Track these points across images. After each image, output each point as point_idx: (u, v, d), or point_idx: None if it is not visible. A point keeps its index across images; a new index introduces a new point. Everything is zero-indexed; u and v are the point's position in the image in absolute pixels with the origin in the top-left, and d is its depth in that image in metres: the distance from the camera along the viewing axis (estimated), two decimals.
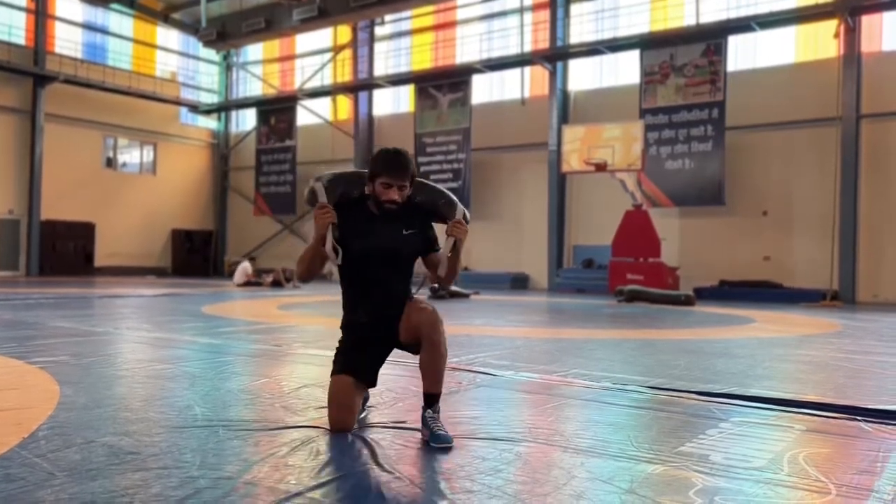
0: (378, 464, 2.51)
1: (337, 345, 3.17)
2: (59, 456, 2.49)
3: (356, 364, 3.05)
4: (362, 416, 3.23)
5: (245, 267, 17.92)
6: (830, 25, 16.35)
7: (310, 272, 3.03)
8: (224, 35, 24.27)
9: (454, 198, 3.16)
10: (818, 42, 17.00)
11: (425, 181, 3.18)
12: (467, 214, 3.12)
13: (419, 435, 2.91)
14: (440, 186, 3.23)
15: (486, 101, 21.54)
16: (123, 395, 3.69)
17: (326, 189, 3.01)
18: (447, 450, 2.72)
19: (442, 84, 21.16)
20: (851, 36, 16.04)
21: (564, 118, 19.61)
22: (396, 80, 22.32)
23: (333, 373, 3.05)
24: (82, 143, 23.72)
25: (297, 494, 2.16)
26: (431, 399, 2.97)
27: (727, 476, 2.44)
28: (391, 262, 3.06)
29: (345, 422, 2.96)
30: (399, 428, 3.05)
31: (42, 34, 22.45)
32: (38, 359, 4.75)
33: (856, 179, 16.05)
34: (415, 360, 3.07)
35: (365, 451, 2.67)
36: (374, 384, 3.16)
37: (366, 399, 3.36)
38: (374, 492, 2.22)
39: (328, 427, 2.99)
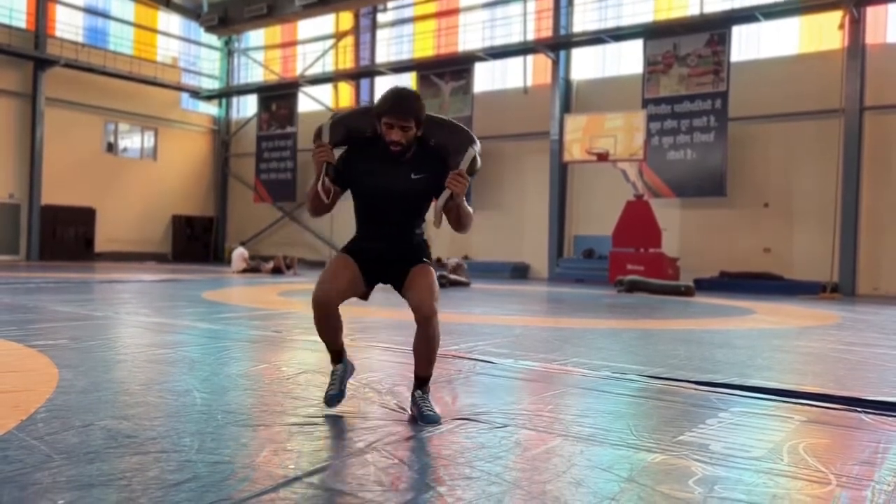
0: (377, 449, 2.50)
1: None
2: (57, 438, 2.48)
3: (359, 256, 3.02)
4: (346, 395, 3.17)
5: (241, 253, 17.85)
6: (835, 16, 16.27)
7: (314, 209, 3.02)
8: (226, 20, 24.19)
9: (471, 139, 2.95)
10: (822, 33, 16.92)
11: (444, 119, 3.05)
12: (478, 161, 2.91)
13: (418, 421, 2.91)
14: (459, 125, 3.06)
15: (488, 89, 21.48)
16: (122, 379, 3.69)
17: (332, 127, 2.98)
18: (440, 432, 2.72)
19: (444, 72, 21.08)
20: (856, 27, 15.96)
21: (567, 107, 19.55)
22: (398, 68, 22.23)
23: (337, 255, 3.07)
24: (83, 128, 23.67)
25: (296, 479, 2.16)
26: (421, 381, 3.04)
27: (727, 465, 2.44)
28: (397, 203, 2.98)
29: (328, 294, 2.91)
30: (397, 413, 3.04)
31: (43, 18, 22.36)
32: (37, 342, 4.74)
33: (858, 172, 16.01)
34: (400, 344, 3.09)
35: (364, 437, 2.67)
36: (366, 297, 3.13)
37: (351, 371, 3.27)
38: (372, 477, 2.22)
39: (320, 336, 2.99)
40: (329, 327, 3.03)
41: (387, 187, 2.94)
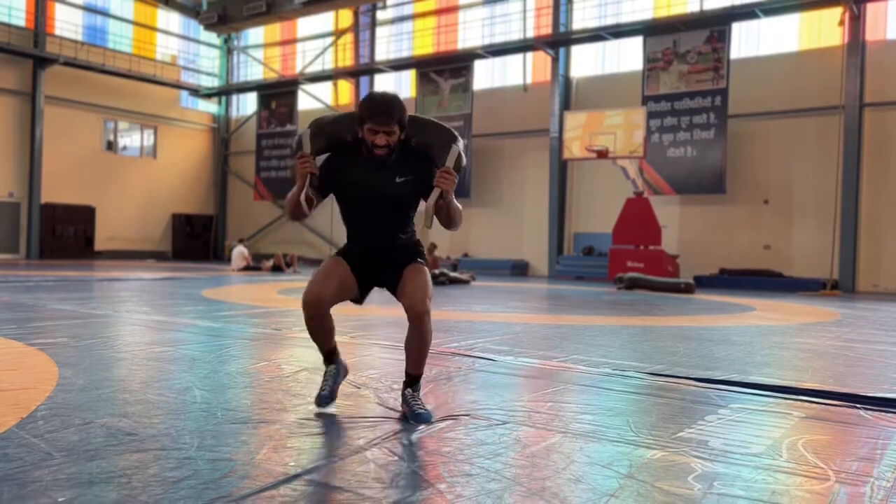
0: (376, 446, 2.51)
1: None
2: (57, 436, 2.48)
3: (352, 260, 3.04)
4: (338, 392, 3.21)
5: (241, 251, 17.81)
6: (835, 13, 16.26)
7: (295, 216, 3.01)
8: (225, 18, 24.16)
9: (453, 137, 2.97)
10: (822, 30, 16.91)
11: (424, 119, 3.05)
12: (463, 158, 2.95)
13: (409, 419, 2.91)
14: (440, 123, 3.06)
15: (487, 86, 21.46)
16: (122, 377, 3.69)
17: (312, 136, 2.98)
18: (439, 429, 2.72)
19: (443, 69, 21.07)
20: (856, 24, 15.94)
21: (566, 104, 19.54)
22: (398, 65, 22.22)
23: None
24: (82, 126, 23.66)
25: (295, 476, 2.16)
26: (412, 379, 3.04)
27: (726, 462, 2.44)
28: (383, 207, 2.98)
29: (319, 295, 2.91)
30: (397, 411, 3.04)
31: (42, 16, 22.33)
32: (37, 340, 4.75)
33: (858, 169, 16.00)
34: (399, 341, 3.12)
35: (363, 434, 2.67)
36: (360, 301, 3.12)
37: (344, 373, 3.27)
38: (372, 474, 2.22)
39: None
40: (320, 328, 3.01)
41: (372, 192, 2.94)
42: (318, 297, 2.91)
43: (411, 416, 2.89)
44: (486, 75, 21.55)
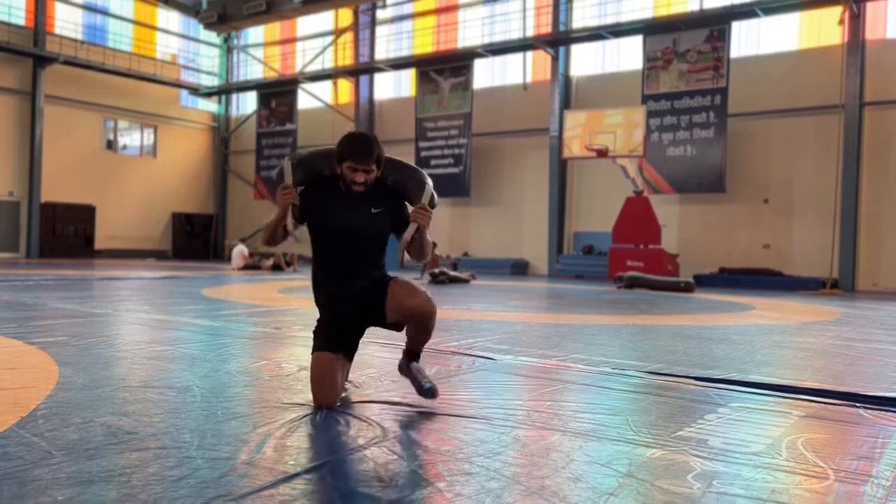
0: (376, 445, 2.51)
1: (315, 323, 3.26)
2: (57, 435, 2.48)
3: (335, 340, 3.13)
4: (344, 394, 3.27)
5: (241, 250, 17.80)
6: (835, 12, 16.26)
7: (271, 243, 3.20)
8: (225, 17, 24.16)
9: (425, 178, 3.19)
10: (822, 29, 16.91)
11: (398, 161, 3.23)
12: (435, 197, 3.18)
13: (417, 415, 2.92)
14: (412, 165, 3.27)
15: (487, 85, 21.46)
16: (122, 376, 3.69)
17: (294, 169, 3.12)
18: (439, 428, 2.72)
19: (443, 68, 21.07)
20: (856, 23, 15.95)
21: (566, 103, 19.54)
22: (398, 64, 22.22)
23: (314, 350, 3.13)
24: (82, 125, 23.66)
25: (296, 475, 2.16)
26: (414, 355, 3.20)
27: (725, 461, 2.44)
28: (358, 240, 3.12)
29: (328, 400, 3.03)
30: (396, 409, 3.05)
31: (42, 15, 22.33)
32: (36, 339, 4.75)
33: (858, 168, 16.01)
34: (398, 340, 3.17)
35: (363, 433, 2.67)
36: (351, 358, 3.25)
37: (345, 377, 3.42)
38: (372, 473, 2.22)
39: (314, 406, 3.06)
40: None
41: (348, 223, 3.09)
42: (329, 404, 3.04)
43: (419, 391, 3.05)
44: (485, 74, 21.55)
